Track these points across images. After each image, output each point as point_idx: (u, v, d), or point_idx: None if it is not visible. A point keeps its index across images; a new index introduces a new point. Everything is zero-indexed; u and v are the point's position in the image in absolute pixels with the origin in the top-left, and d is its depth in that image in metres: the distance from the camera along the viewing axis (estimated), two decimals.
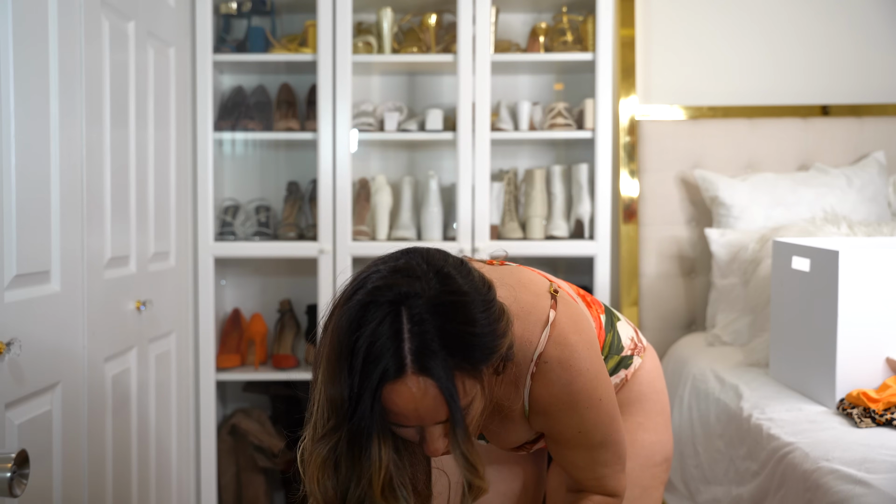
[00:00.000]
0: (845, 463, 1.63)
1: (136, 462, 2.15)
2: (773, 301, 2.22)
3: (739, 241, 2.64)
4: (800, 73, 3.00)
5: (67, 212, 1.73)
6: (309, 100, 2.90)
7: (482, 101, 2.74)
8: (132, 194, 2.13)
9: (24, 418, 1.54)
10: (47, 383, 1.64)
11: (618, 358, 1.43)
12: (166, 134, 2.40)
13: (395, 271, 0.99)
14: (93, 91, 1.87)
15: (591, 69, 2.83)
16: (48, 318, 1.64)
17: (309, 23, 2.80)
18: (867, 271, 1.91)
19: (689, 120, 2.95)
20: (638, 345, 1.48)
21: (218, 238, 2.80)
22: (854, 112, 2.94)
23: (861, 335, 1.92)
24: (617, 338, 1.44)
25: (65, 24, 1.72)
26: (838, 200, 2.69)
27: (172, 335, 2.46)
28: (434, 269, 1.00)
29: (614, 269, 2.95)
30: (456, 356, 0.97)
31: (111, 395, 1.97)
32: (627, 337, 1.46)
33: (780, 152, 2.92)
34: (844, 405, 1.89)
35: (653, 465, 1.46)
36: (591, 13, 2.81)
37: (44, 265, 1.64)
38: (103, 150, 1.94)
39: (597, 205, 2.77)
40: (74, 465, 1.76)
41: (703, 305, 2.90)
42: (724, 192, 2.74)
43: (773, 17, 3.00)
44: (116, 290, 2.00)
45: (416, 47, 2.85)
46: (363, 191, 2.90)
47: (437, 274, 0.99)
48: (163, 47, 2.39)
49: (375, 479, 0.98)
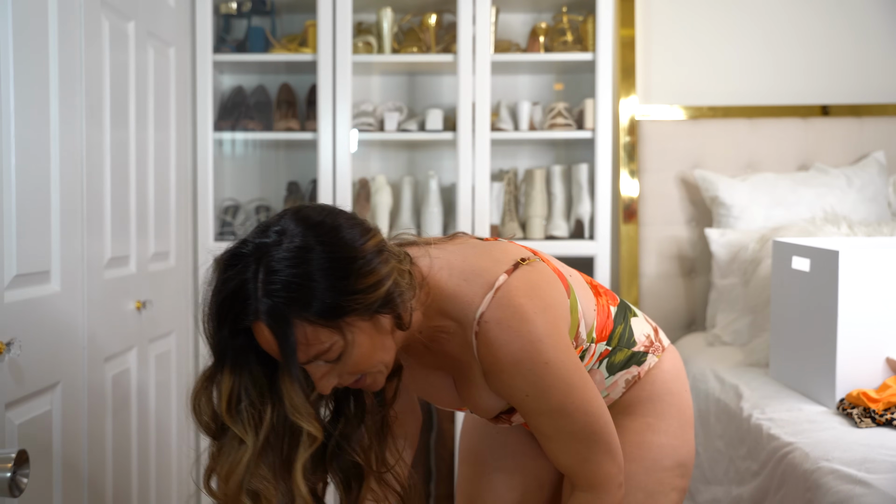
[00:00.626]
0: (845, 463, 1.63)
1: (136, 462, 2.14)
2: (773, 301, 2.22)
3: (739, 241, 2.64)
4: (800, 73, 3.00)
5: (67, 212, 1.72)
6: (309, 100, 2.90)
7: (482, 101, 2.74)
8: (132, 194, 2.12)
9: (23, 418, 1.54)
10: (47, 383, 1.63)
11: (628, 352, 1.39)
12: (166, 134, 2.39)
13: (266, 226, 1.14)
14: (93, 91, 1.87)
15: (591, 69, 2.82)
16: (48, 318, 1.64)
17: (309, 23, 2.80)
18: (867, 271, 1.90)
19: (689, 120, 2.95)
20: (655, 343, 1.43)
21: (218, 238, 2.79)
22: (854, 112, 2.94)
23: (861, 335, 1.92)
24: (629, 331, 1.40)
25: (65, 24, 1.72)
26: (838, 200, 2.69)
27: (172, 335, 2.46)
28: (300, 226, 1.11)
29: (614, 269, 2.95)
30: (292, 306, 1.07)
31: (111, 395, 1.97)
32: (643, 333, 1.42)
33: (780, 152, 2.92)
34: (844, 405, 1.89)
35: (660, 470, 1.40)
36: (591, 13, 2.81)
37: (44, 265, 1.63)
38: (103, 150, 1.94)
39: (597, 205, 2.77)
40: (74, 466, 1.76)
41: (703, 305, 2.90)
42: (724, 192, 2.74)
43: (773, 17, 3.00)
44: (116, 290, 2.00)
45: (416, 47, 2.85)
46: (363, 191, 2.90)
47: (300, 231, 1.11)
48: (163, 47, 2.38)
49: (223, 400, 1.13)
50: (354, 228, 1.14)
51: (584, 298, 1.34)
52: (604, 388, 1.40)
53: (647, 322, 1.47)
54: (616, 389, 1.41)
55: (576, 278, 1.38)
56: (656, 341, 1.44)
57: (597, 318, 1.35)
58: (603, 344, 1.36)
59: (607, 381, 1.39)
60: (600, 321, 1.36)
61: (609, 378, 1.39)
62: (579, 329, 1.30)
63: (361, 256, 1.11)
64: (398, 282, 1.13)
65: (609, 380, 1.39)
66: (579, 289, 1.35)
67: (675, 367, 1.46)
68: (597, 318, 1.35)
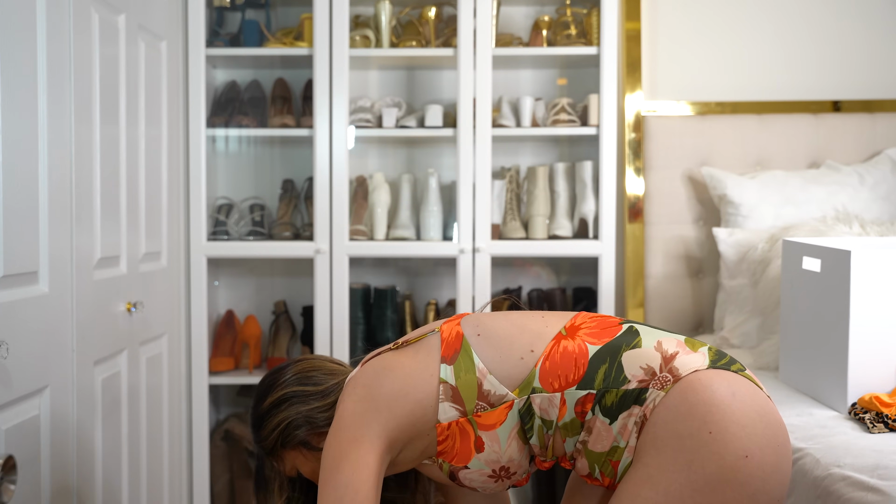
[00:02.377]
0: (857, 469, 1.61)
1: (126, 468, 2.14)
2: (782, 303, 2.21)
3: (748, 240, 2.63)
4: (810, 68, 2.99)
5: (56, 211, 1.73)
6: (305, 95, 2.87)
7: (483, 97, 2.72)
8: (123, 192, 2.12)
9: (11, 423, 1.54)
10: (35, 387, 1.63)
11: (616, 392, 1.28)
12: (158, 130, 2.40)
13: None
14: (82, 86, 1.87)
15: (595, 63, 2.81)
16: (36, 320, 1.65)
17: (305, 16, 2.79)
18: (880, 272, 1.89)
19: (696, 116, 2.93)
20: (658, 375, 1.27)
21: (211, 238, 2.78)
22: (866, 108, 2.93)
23: (874, 338, 1.90)
24: (616, 370, 1.29)
25: (53, 16, 1.72)
26: (850, 199, 2.68)
27: (164, 338, 2.47)
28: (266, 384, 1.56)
29: (619, 269, 2.92)
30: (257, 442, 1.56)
31: (101, 399, 1.98)
32: (639, 366, 1.28)
33: (790, 149, 2.91)
34: (856, 410, 1.88)
35: None
36: (595, 6, 2.80)
37: (31, 266, 1.64)
38: (93, 147, 1.94)
39: (601, 203, 2.75)
40: (63, 472, 1.77)
41: (710, 307, 2.88)
42: (732, 190, 2.72)
43: (782, 10, 2.99)
44: (106, 292, 2.00)
45: (416, 41, 2.82)
46: (360, 189, 2.87)
47: None
48: (154, 41, 2.39)
49: None
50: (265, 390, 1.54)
51: (501, 351, 1.35)
52: (615, 438, 1.30)
53: (659, 349, 1.31)
54: (630, 437, 1.28)
55: (496, 332, 1.39)
56: (663, 372, 1.27)
57: (541, 364, 1.32)
58: (574, 390, 1.30)
59: (613, 427, 1.29)
60: (552, 368, 1.32)
61: (613, 424, 1.29)
62: (482, 387, 1.34)
63: (259, 415, 1.53)
64: (293, 423, 1.48)
65: (615, 426, 1.29)
66: (491, 344, 1.36)
67: (687, 403, 1.24)
68: (540, 366, 1.32)
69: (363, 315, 2.84)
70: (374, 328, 2.84)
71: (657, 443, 1.23)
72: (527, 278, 3.02)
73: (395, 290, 2.88)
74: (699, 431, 1.22)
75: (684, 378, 1.26)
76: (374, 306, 2.86)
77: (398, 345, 1.43)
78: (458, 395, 1.34)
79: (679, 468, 1.21)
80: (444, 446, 1.36)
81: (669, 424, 1.23)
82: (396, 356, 1.41)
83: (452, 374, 1.34)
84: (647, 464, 1.24)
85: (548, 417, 1.33)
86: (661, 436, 1.23)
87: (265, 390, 1.53)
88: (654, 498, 1.22)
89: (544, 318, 1.40)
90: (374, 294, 2.88)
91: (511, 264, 3.00)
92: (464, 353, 1.36)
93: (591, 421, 1.30)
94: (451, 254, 2.75)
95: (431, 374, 1.35)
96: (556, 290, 2.92)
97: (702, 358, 1.29)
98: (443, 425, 1.35)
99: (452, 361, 1.35)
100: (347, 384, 1.43)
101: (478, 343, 1.37)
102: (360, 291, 2.83)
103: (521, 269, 3.02)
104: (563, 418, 1.32)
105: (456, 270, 2.74)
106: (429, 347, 1.39)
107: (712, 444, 1.21)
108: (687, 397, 1.24)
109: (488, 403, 1.33)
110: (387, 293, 2.84)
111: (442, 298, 2.99)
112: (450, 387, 1.34)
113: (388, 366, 1.39)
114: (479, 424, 1.34)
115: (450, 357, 1.36)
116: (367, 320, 2.85)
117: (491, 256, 2.74)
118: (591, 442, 1.32)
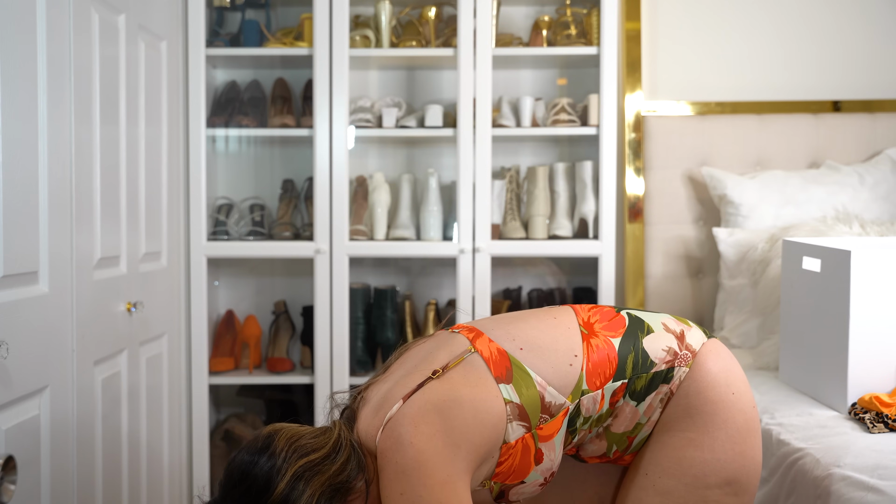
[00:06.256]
0: (857, 469, 1.61)
1: (126, 468, 2.14)
2: (782, 303, 2.21)
3: (748, 240, 2.63)
4: (810, 68, 2.99)
5: (56, 211, 1.72)
6: (305, 95, 2.87)
7: (483, 97, 2.71)
8: (123, 193, 2.12)
9: (11, 423, 1.54)
10: (35, 387, 1.63)
11: (646, 377, 1.39)
12: (158, 130, 2.39)
13: None
14: (82, 86, 1.87)
15: (595, 63, 2.81)
16: (36, 321, 1.64)
17: (305, 16, 2.79)
18: (880, 272, 1.89)
19: (696, 116, 2.93)
20: (681, 353, 1.41)
21: (211, 238, 2.78)
22: (866, 108, 2.93)
23: (874, 338, 1.90)
24: (642, 356, 1.40)
25: (53, 16, 1.71)
26: (850, 199, 2.68)
27: (164, 338, 2.46)
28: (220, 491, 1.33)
29: (619, 269, 2.92)
30: None
31: (101, 399, 1.97)
32: (661, 349, 1.41)
33: (790, 149, 2.90)
34: (856, 410, 1.88)
35: (703, 487, 1.38)
36: (595, 6, 2.80)
37: (31, 266, 1.64)
38: (93, 147, 1.94)
39: (601, 203, 2.75)
40: (63, 472, 1.76)
41: (710, 307, 2.88)
42: (732, 190, 2.72)
43: (783, 10, 2.99)
44: (106, 292, 2.00)
45: (416, 41, 2.82)
46: (360, 189, 2.87)
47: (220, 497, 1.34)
48: (154, 41, 2.38)
49: None
50: (269, 472, 1.28)
51: (550, 362, 1.36)
52: (639, 417, 1.42)
53: (668, 331, 1.44)
54: (654, 412, 1.42)
55: (536, 342, 1.39)
56: (682, 350, 1.42)
57: (586, 366, 1.37)
58: (612, 384, 1.39)
59: (640, 408, 1.41)
60: (594, 368, 1.37)
61: (640, 405, 1.41)
62: (544, 400, 1.35)
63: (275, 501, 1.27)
64: (321, 497, 1.27)
65: (641, 406, 1.41)
66: (539, 356, 1.37)
67: (712, 373, 1.41)
68: (585, 368, 1.37)
69: (363, 315, 2.84)
70: (374, 328, 2.84)
71: (690, 411, 1.39)
72: (527, 278, 3.02)
73: (395, 290, 2.88)
74: (726, 394, 1.40)
75: (700, 351, 1.43)
76: (374, 306, 2.86)
77: (438, 373, 1.34)
78: (524, 413, 1.34)
79: (717, 427, 1.38)
80: (503, 467, 1.36)
81: (701, 393, 1.39)
82: (451, 385, 1.32)
83: (514, 392, 1.34)
84: (683, 429, 1.39)
85: (590, 414, 1.40)
86: (693, 404, 1.39)
87: (265, 483, 1.28)
88: (700, 456, 1.38)
89: (556, 318, 1.44)
90: (374, 294, 2.88)
91: (511, 264, 3.00)
92: (517, 369, 1.35)
93: (621, 407, 1.40)
94: (451, 254, 2.75)
95: (495, 396, 1.33)
96: (556, 291, 2.92)
97: (698, 330, 1.47)
98: (509, 444, 1.34)
99: (510, 380, 1.34)
100: (393, 427, 1.29)
101: (525, 357, 1.37)
102: (360, 291, 2.83)
103: (521, 269, 3.02)
104: (601, 411, 1.40)
105: (456, 270, 2.74)
106: (477, 370, 1.35)
107: (737, 402, 1.40)
108: (710, 368, 1.41)
109: (549, 414, 1.36)
110: (387, 293, 2.84)
111: (442, 298, 2.99)
112: (516, 405, 1.34)
113: (450, 397, 1.31)
114: (540, 437, 1.36)
115: (504, 376, 1.34)
116: (367, 320, 2.85)
117: (491, 256, 2.74)
118: (615, 425, 1.43)
